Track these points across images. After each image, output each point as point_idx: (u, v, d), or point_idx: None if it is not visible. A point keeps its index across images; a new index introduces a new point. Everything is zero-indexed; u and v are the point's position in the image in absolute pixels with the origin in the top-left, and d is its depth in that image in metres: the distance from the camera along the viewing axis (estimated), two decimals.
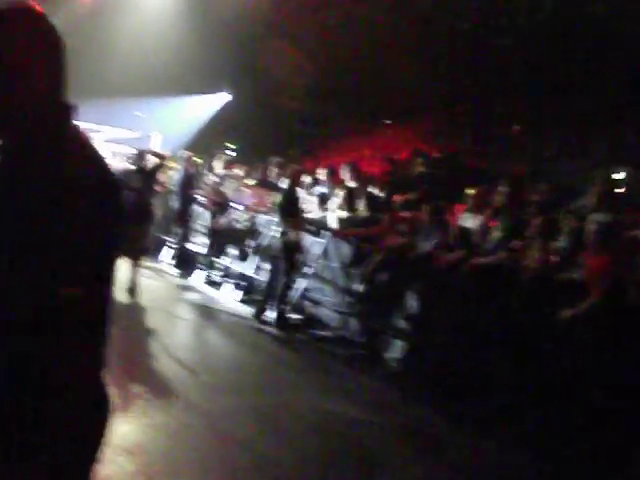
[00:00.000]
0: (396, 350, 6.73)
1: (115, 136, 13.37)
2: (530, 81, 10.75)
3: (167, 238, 10.35)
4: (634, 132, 10.80)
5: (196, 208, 10.13)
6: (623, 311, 5.08)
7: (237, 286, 8.91)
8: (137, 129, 14.07)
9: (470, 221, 6.99)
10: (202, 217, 10.10)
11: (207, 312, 8.23)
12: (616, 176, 11.00)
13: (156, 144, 12.95)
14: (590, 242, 5.41)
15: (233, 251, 9.37)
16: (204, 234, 9.81)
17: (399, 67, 11.77)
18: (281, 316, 7.69)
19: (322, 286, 7.92)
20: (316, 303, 7.93)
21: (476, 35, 10.75)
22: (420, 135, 12.52)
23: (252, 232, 9.10)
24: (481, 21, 10.30)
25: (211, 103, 15.14)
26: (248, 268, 8.94)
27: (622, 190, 9.84)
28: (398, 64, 11.73)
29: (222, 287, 9.11)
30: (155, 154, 9.10)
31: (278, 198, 7.93)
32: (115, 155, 12.68)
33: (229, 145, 12.86)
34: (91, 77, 11.00)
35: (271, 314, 7.75)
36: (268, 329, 7.63)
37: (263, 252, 8.63)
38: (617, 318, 5.04)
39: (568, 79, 10.15)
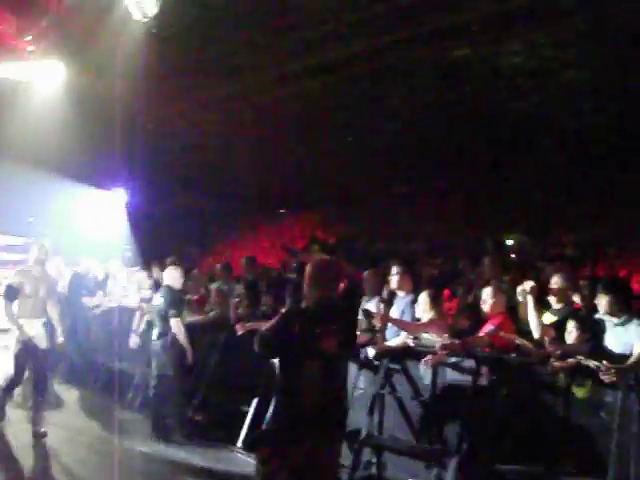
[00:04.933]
0: None
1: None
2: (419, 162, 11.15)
3: None
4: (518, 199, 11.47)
5: None
6: None
7: None
8: (28, 234, 13.38)
9: (367, 304, 7.00)
10: None
11: None
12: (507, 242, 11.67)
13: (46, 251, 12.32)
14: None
15: None
16: None
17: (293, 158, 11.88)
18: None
19: None
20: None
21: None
22: (317, 222, 12.71)
23: None
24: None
25: (106, 200, 14.61)
26: None
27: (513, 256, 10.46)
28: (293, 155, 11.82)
29: None
30: None
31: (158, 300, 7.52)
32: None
33: (125, 246, 12.61)
34: None
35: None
36: None
37: None
38: None
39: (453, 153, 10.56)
